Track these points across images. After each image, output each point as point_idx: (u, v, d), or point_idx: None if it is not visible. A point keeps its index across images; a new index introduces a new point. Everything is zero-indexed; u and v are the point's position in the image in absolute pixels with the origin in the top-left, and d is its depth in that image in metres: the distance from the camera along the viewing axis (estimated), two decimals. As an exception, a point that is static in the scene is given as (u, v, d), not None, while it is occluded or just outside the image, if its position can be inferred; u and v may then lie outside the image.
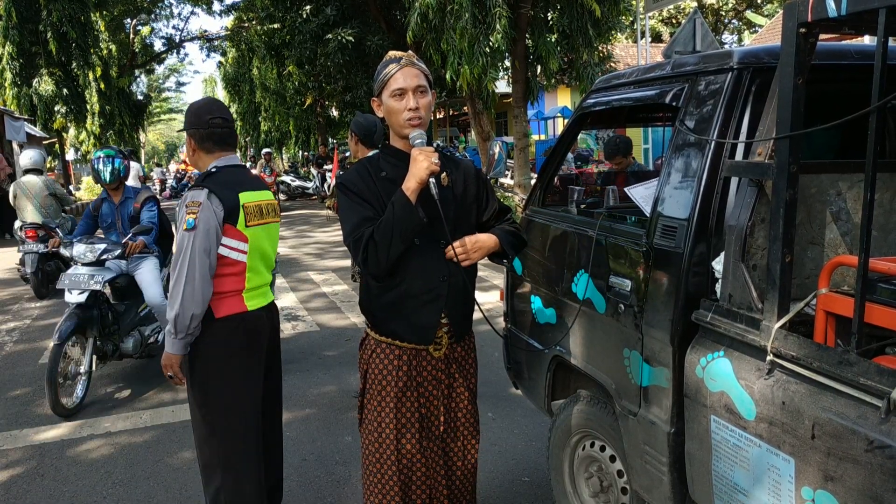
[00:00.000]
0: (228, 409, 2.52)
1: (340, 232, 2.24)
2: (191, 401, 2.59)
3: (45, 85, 19.67)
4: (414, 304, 2.19)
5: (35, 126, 19.15)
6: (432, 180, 2.06)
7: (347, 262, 8.43)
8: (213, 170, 2.57)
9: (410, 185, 2.04)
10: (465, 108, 17.78)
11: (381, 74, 2.15)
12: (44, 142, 19.27)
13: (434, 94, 2.23)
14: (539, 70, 12.14)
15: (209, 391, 2.51)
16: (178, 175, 7.38)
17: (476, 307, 2.34)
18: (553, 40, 11.12)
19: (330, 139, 26.54)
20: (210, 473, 2.60)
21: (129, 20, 29.79)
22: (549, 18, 11.57)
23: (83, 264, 4.74)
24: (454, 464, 2.39)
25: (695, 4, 24.08)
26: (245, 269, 2.54)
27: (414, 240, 2.11)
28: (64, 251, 5.07)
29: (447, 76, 9.91)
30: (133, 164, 15.59)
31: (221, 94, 44.85)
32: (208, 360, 2.49)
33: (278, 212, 2.79)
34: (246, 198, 2.55)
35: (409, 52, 2.22)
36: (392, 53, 2.18)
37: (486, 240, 2.23)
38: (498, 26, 9.23)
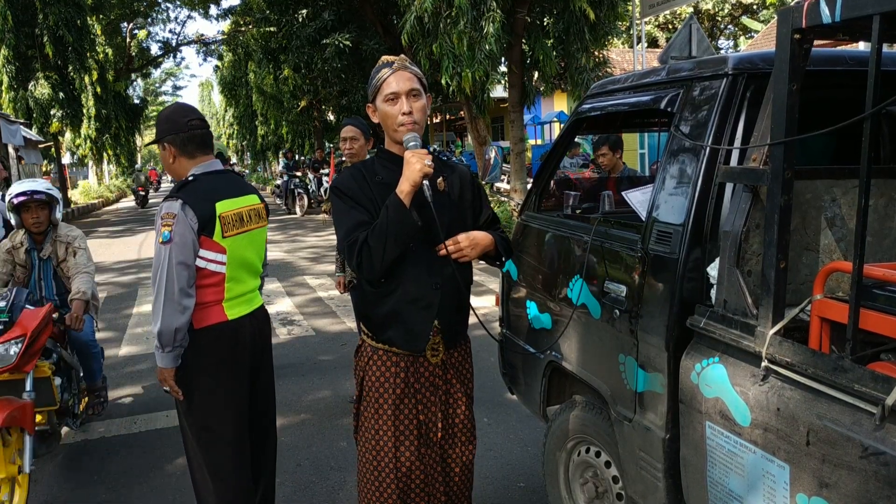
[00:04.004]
0: (212, 419, 2.49)
1: (336, 236, 2.23)
2: (178, 411, 2.58)
3: (41, 88, 19.65)
4: (408, 312, 2.17)
5: (31, 130, 19.12)
6: (426, 183, 2.04)
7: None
8: (191, 178, 2.48)
9: (404, 188, 2.03)
10: (462, 112, 17.78)
11: (374, 79, 2.14)
12: (40, 146, 19.20)
13: (430, 98, 2.22)
14: (535, 75, 12.15)
15: (192, 401, 2.49)
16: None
17: (472, 313, 2.33)
18: (549, 45, 11.14)
19: (326, 143, 26.50)
20: (199, 481, 2.58)
21: (125, 24, 29.74)
22: (546, 23, 11.59)
23: None
24: (452, 470, 2.37)
25: (691, 10, 24.13)
26: (224, 280, 2.47)
27: (409, 245, 2.10)
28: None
29: (443, 80, 9.91)
30: None
31: (218, 99, 44.77)
32: (190, 370, 2.45)
33: (264, 216, 2.70)
34: (223, 207, 2.45)
35: (402, 55, 2.21)
36: (385, 58, 2.17)
37: (483, 237, 2.21)
38: (491, 29, 9.24)
